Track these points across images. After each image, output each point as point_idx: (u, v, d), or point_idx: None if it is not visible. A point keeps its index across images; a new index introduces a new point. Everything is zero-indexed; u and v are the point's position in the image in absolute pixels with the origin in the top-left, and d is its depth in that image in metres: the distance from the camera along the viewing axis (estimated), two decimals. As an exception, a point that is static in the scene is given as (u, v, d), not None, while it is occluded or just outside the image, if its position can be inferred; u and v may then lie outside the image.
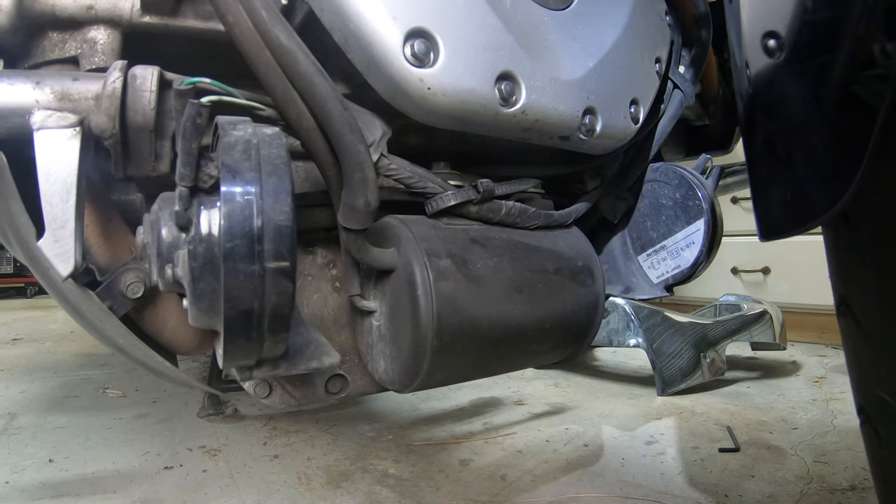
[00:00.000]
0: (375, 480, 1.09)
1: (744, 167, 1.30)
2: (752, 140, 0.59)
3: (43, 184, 0.43)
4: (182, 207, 0.39)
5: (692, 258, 0.84)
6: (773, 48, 0.53)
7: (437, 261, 0.51)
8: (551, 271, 0.62)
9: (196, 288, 0.38)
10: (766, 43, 0.54)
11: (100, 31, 0.51)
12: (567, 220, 0.69)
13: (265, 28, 0.44)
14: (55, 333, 2.66)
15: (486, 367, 0.62)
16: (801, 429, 1.35)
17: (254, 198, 0.36)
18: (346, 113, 0.46)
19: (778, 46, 0.52)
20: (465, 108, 0.53)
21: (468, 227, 0.59)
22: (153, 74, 0.46)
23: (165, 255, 0.40)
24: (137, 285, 0.54)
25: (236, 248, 0.35)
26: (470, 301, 0.53)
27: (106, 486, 1.08)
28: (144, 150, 0.48)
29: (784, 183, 0.55)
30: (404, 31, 0.48)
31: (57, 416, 1.47)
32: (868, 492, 1.02)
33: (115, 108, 0.44)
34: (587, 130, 0.63)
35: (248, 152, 0.37)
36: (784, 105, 0.54)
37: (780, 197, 0.56)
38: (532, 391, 1.71)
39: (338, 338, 0.63)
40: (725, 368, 1.74)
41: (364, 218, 0.49)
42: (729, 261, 2.42)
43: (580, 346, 0.66)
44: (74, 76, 0.46)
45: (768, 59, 0.54)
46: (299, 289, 0.61)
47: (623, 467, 1.15)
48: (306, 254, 0.63)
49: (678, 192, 0.87)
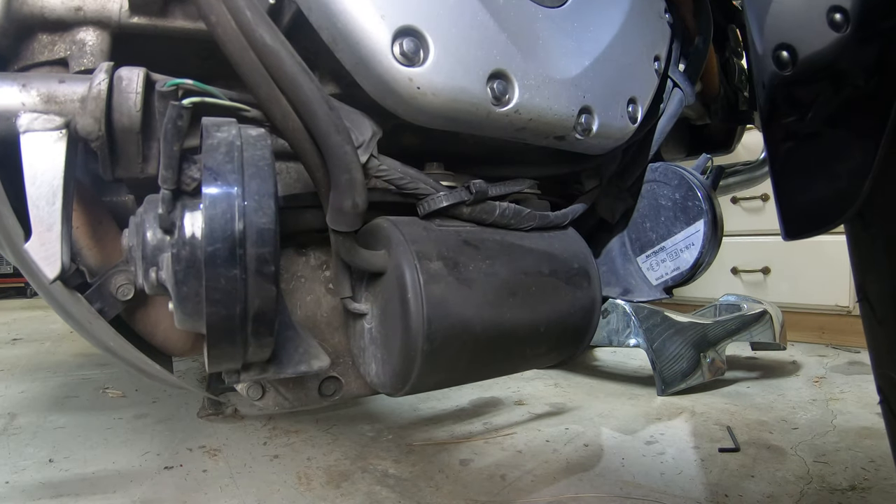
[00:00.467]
0: (375, 480, 1.09)
1: (744, 167, 1.30)
2: (774, 142, 0.61)
3: (29, 187, 0.42)
4: (165, 210, 0.38)
5: (692, 260, 0.83)
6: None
7: (427, 263, 0.51)
8: (546, 274, 0.61)
9: (180, 291, 0.38)
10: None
11: (88, 32, 0.51)
12: (563, 222, 0.68)
13: (249, 28, 0.44)
14: (55, 333, 2.67)
15: (479, 371, 0.61)
16: (801, 429, 1.34)
17: (235, 201, 0.36)
18: (332, 113, 0.46)
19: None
20: (457, 108, 0.52)
21: (461, 229, 0.58)
22: (139, 76, 0.45)
23: (150, 258, 0.40)
24: (128, 287, 0.54)
25: (218, 252, 0.35)
26: (461, 304, 0.52)
27: (106, 486, 1.08)
28: (132, 152, 0.47)
29: (806, 185, 0.58)
30: (392, 29, 0.48)
31: (57, 416, 1.47)
32: (868, 492, 1.02)
33: (100, 111, 0.43)
34: (583, 130, 0.62)
35: (231, 154, 0.37)
36: (807, 106, 0.55)
37: (803, 198, 0.58)
38: (532, 391, 1.71)
39: (331, 340, 0.63)
40: (725, 368, 1.74)
41: (352, 220, 0.48)
42: (729, 261, 2.41)
43: (576, 349, 0.66)
44: (61, 78, 0.45)
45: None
46: (292, 290, 0.60)
47: (623, 467, 1.14)
48: (299, 255, 0.62)
49: (678, 192, 0.86)
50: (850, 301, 2.14)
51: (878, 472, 1.10)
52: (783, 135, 0.59)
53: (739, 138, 1.19)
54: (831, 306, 2.18)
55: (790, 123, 0.58)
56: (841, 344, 2.22)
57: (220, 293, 0.36)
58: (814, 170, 0.57)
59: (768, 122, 0.59)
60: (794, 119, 0.57)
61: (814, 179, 0.57)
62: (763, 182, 1.31)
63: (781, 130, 0.59)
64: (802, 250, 2.20)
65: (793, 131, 0.58)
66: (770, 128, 0.59)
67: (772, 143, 0.61)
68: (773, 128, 0.59)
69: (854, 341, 2.19)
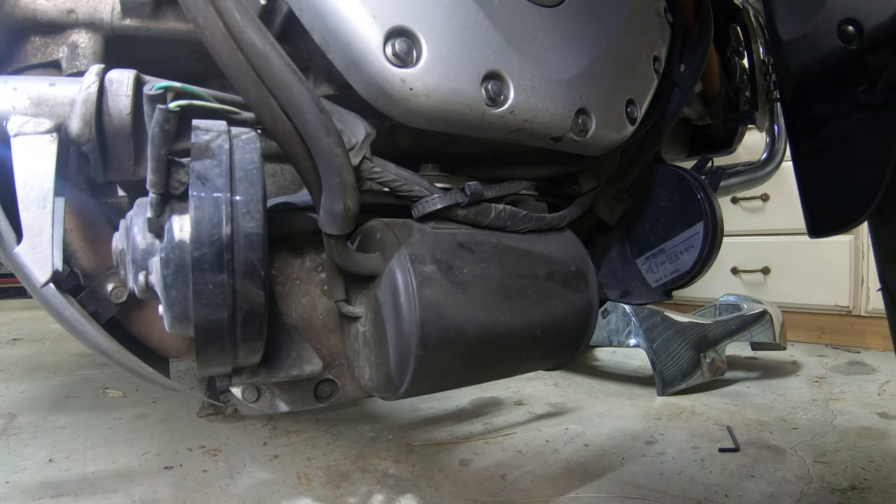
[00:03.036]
0: (375, 480, 1.09)
1: (745, 168, 1.29)
2: (798, 144, 0.64)
3: (20, 190, 0.42)
4: (154, 214, 0.38)
5: (691, 262, 0.83)
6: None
7: (421, 266, 0.50)
8: (542, 276, 0.60)
9: (169, 295, 0.38)
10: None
11: (81, 34, 0.51)
12: (561, 224, 0.68)
13: (238, 30, 0.43)
14: (55, 333, 2.67)
15: (474, 376, 0.61)
16: (801, 429, 1.34)
17: (223, 205, 0.35)
18: (322, 115, 0.45)
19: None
20: (450, 109, 0.51)
21: (456, 232, 0.58)
22: (129, 79, 0.45)
23: (140, 261, 0.40)
24: (122, 290, 0.54)
25: (205, 257, 0.35)
26: (455, 308, 0.52)
27: (106, 486, 1.08)
28: (123, 155, 0.47)
29: (831, 185, 0.61)
30: (385, 30, 0.47)
31: (57, 416, 1.47)
32: (868, 492, 1.01)
33: (90, 113, 0.43)
34: (580, 131, 0.62)
35: (219, 157, 0.37)
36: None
37: (828, 198, 0.62)
38: (532, 391, 1.70)
39: (327, 342, 0.62)
40: (725, 368, 1.73)
41: (344, 223, 0.48)
42: (729, 261, 2.40)
43: (573, 353, 0.65)
44: (51, 81, 0.45)
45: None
46: (287, 293, 0.60)
47: (623, 467, 1.14)
48: (294, 257, 0.62)
49: (677, 193, 0.85)
50: (850, 301, 2.13)
51: (878, 472, 1.09)
52: (810, 127, 0.62)
53: (740, 139, 1.18)
54: (831, 306, 2.17)
55: (816, 124, 0.61)
56: (841, 344, 2.21)
57: (208, 298, 0.35)
58: (838, 163, 0.60)
59: (798, 111, 0.61)
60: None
61: (836, 180, 0.60)
62: (764, 182, 1.31)
63: (807, 123, 0.62)
64: (802, 250, 2.20)
65: (822, 119, 0.61)
66: (796, 119, 0.61)
67: (796, 145, 0.63)
68: (801, 120, 0.62)
69: (854, 341, 2.18)
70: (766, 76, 1.08)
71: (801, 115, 0.63)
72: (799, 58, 0.61)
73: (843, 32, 0.55)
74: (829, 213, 0.62)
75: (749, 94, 1.07)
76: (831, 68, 0.58)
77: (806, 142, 0.63)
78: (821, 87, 0.61)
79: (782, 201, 2.22)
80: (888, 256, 0.63)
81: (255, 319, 0.38)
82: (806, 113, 0.63)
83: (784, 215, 2.23)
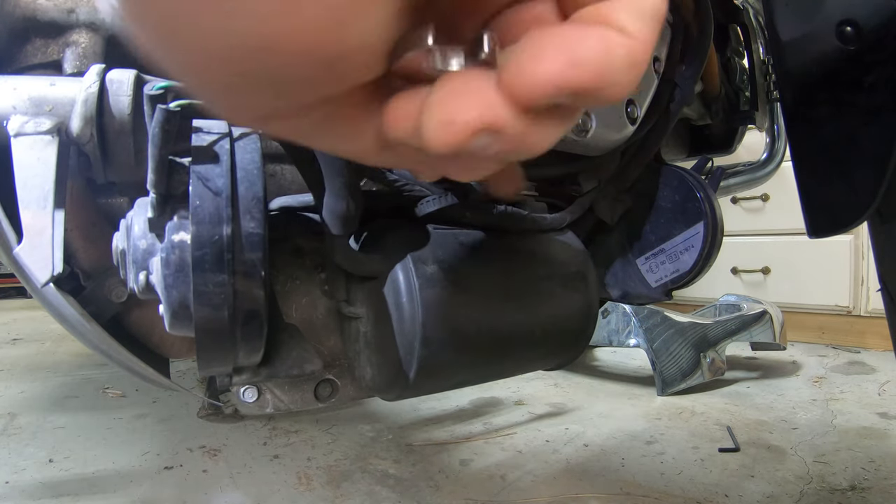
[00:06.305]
0: (375, 480, 1.09)
1: (746, 168, 1.29)
2: (798, 145, 0.63)
3: (20, 191, 0.42)
4: (155, 214, 0.38)
5: (691, 261, 0.83)
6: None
7: (423, 267, 0.50)
8: (543, 277, 0.60)
9: (170, 295, 0.38)
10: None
11: (82, 34, 0.51)
12: (561, 224, 0.68)
13: None
14: (55, 333, 2.67)
15: (475, 376, 0.61)
16: (801, 429, 1.34)
17: (223, 205, 0.35)
18: None
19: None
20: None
21: (457, 232, 0.58)
22: (129, 78, 0.45)
23: (140, 261, 0.40)
24: (122, 289, 0.54)
25: (205, 257, 0.35)
26: (457, 308, 0.52)
27: (106, 486, 1.08)
28: (124, 155, 0.47)
29: (830, 186, 0.60)
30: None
31: (57, 416, 1.47)
32: (868, 492, 1.01)
33: (91, 113, 0.43)
34: (580, 131, 0.62)
35: (220, 157, 0.37)
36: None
37: (827, 198, 0.61)
38: (532, 391, 1.70)
39: (327, 342, 0.62)
40: (725, 368, 1.73)
41: (346, 223, 0.48)
42: (729, 261, 2.40)
43: (573, 353, 0.65)
44: (52, 81, 0.45)
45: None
46: (287, 292, 0.60)
47: (623, 467, 1.14)
48: (295, 257, 0.62)
49: (677, 193, 0.85)
50: (850, 301, 2.13)
51: (878, 472, 1.09)
52: (810, 128, 0.61)
53: (741, 139, 1.18)
54: (831, 306, 2.17)
55: (816, 124, 0.60)
56: (841, 344, 2.21)
57: (209, 297, 0.36)
58: (838, 164, 0.59)
59: (798, 112, 0.61)
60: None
61: (836, 181, 0.59)
62: (764, 182, 1.31)
63: (807, 124, 0.61)
64: (802, 250, 2.20)
65: (822, 119, 0.60)
66: (796, 119, 0.61)
67: (796, 145, 0.63)
68: (800, 120, 0.61)
69: (854, 341, 2.18)
70: (766, 76, 1.08)
71: (800, 115, 0.63)
72: (798, 58, 0.61)
73: (841, 33, 0.55)
74: (828, 213, 0.61)
75: (749, 95, 1.07)
76: (831, 69, 0.58)
77: (806, 142, 0.63)
78: (820, 87, 0.60)
79: (782, 201, 2.23)
80: (888, 256, 0.63)
81: (255, 319, 0.38)
82: (806, 113, 0.63)
83: (784, 215, 2.23)
